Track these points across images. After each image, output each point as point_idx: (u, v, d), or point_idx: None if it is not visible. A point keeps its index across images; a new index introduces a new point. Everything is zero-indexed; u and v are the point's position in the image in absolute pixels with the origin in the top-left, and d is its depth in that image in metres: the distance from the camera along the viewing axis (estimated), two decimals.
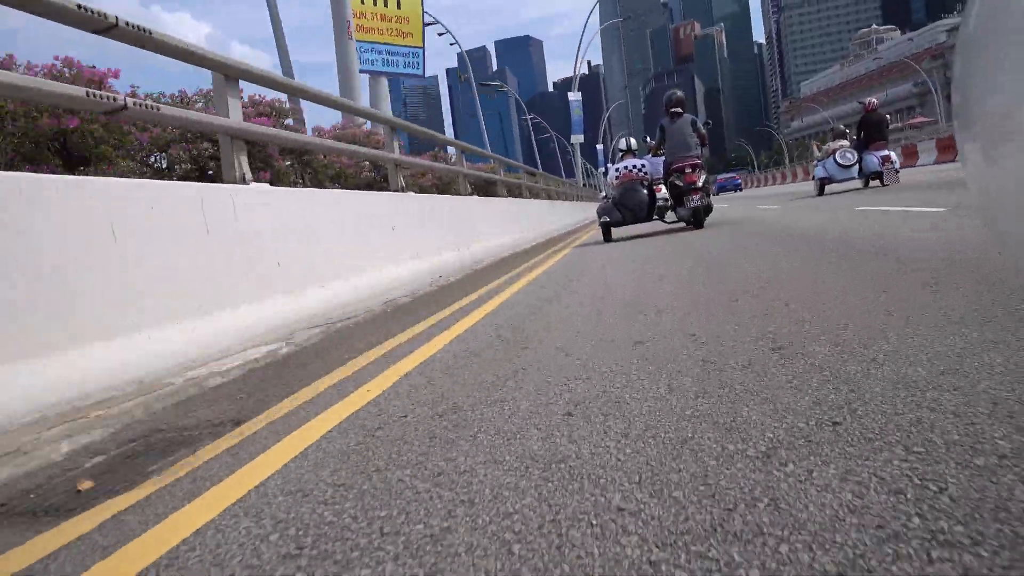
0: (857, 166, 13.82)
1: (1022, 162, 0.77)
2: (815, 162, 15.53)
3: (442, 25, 29.86)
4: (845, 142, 14.38)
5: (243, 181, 4.09)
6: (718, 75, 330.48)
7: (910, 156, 25.80)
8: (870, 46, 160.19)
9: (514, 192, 14.25)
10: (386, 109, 20.16)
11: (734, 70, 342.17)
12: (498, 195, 11.87)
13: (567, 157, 55.63)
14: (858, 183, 14.87)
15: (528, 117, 57.22)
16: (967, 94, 0.96)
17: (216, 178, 6.17)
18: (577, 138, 41.36)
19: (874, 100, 14.44)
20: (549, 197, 19.89)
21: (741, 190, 55.04)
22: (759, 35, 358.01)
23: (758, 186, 59.33)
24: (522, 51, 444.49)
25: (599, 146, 63.76)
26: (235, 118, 4.16)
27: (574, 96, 42.08)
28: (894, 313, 2.35)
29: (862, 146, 13.75)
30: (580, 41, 40.48)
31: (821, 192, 14.74)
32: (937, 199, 7.30)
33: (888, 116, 15.27)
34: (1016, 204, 0.81)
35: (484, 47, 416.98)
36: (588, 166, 57.42)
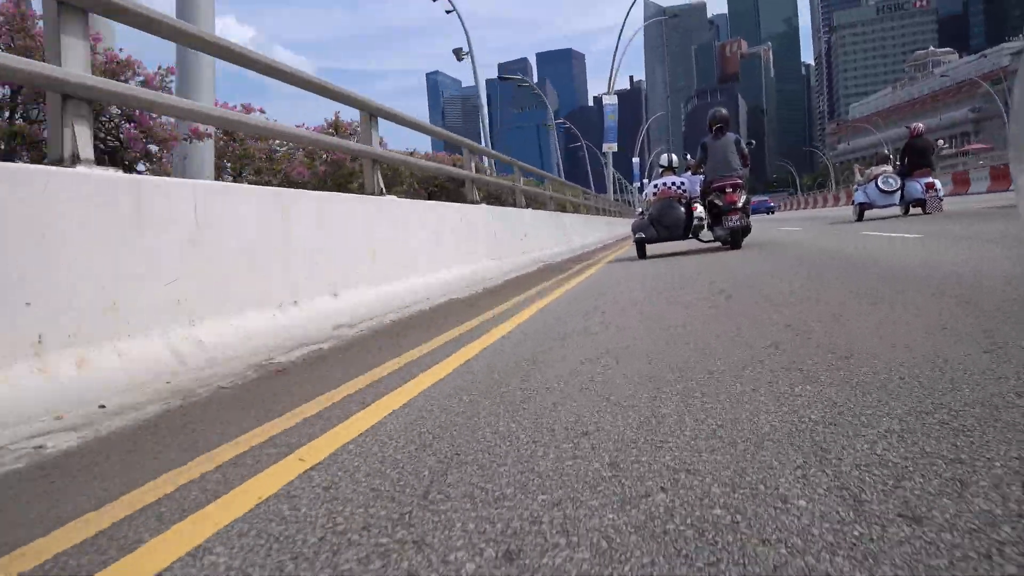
0: (899, 192, 13.48)
1: None
2: (856, 186, 15.12)
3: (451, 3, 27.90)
4: (888, 167, 14.01)
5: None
6: (763, 95, 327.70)
7: (962, 184, 25.35)
8: (926, 68, 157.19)
9: (537, 203, 14.36)
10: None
11: (780, 90, 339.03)
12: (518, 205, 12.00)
13: (596, 167, 52.78)
14: (898, 210, 14.45)
15: (560, 122, 56.64)
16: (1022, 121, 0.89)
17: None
18: (610, 146, 37.82)
19: (920, 125, 14.15)
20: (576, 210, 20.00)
21: (773, 212, 54.43)
22: (807, 56, 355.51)
23: (794, 208, 58.71)
24: (564, 64, 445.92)
25: (635, 159, 62.02)
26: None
27: (609, 100, 39.10)
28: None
29: (906, 172, 13.46)
30: (619, 37, 38.27)
31: (860, 217, 14.24)
32: (974, 229, 7.29)
33: (941, 141, 14.96)
34: None
35: (525, 59, 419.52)
36: (622, 180, 56.22)
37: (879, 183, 13.62)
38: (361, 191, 6.21)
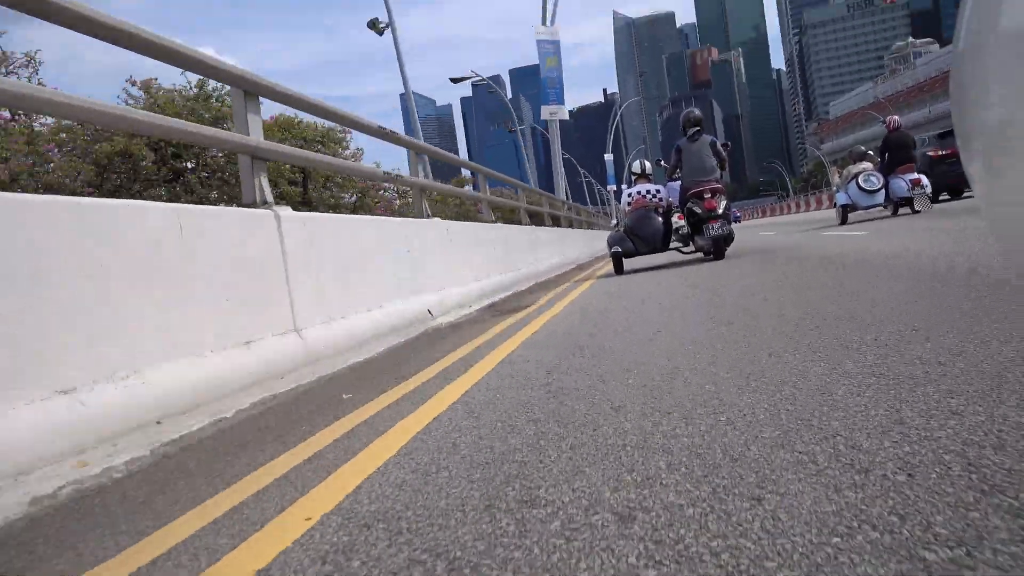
0: (883, 191, 12.63)
1: (1020, 173, 0.80)
2: (835, 188, 14.32)
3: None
4: (868, 165, 13.11)
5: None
6: (736, 101, 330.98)
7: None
8: (907, 61, 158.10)
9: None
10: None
11: (753, 96, 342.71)
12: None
13: (576, 181, 60.62)
14: (886, 210, 13.65)
15: (525, 126, 58.84)
16: (964, 108, 0.96)
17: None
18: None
19: (896, 118, 13.48)
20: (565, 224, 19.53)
21: (739, 221, 54.12)
22: (777, 61, 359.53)
23: (782, 213, 58.20)
24: (535, 79, 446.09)
25: (607, 156, 62.39)
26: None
27: (608, 156, 50.32)
28: None
29: (887, 169, 12.72)
30: (611, 119, 40.06)
31: (844, 220, 13.31)
32: (960, 224, 7.05)
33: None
34: (1018, 214, 0.85)
35: (499, 75, 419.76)
36: (594, 183, 59.21)
37: (860, 182, 12.78)
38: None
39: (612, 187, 53.96)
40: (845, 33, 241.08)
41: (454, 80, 32.12)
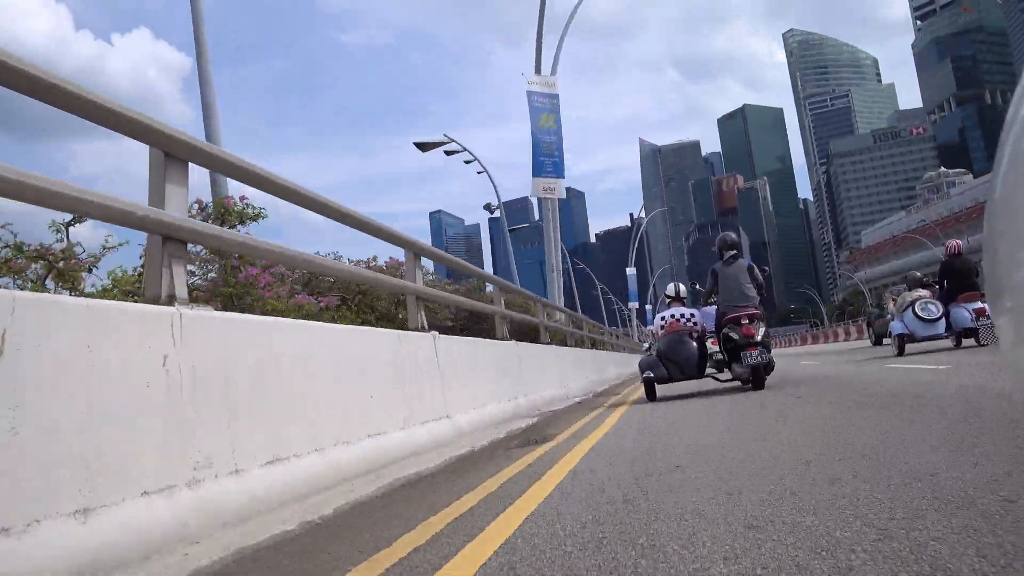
0: (943, 320, 11.79)
1: None
2: (890, 316, 13.56)
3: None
4: (924, 292, 12.40)
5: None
6: (763, 228, 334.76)
7: None
8: (940, 190, 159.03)
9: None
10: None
11: (780, 224, 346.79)
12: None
13: (611, 307, 66.34)
14: (948, 341, 12.63)
15: (579, 265, 63.76)
16: (995, 260, 0.93)
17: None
18: (634, 305, 55.11)
19: (957, 242, 12.81)
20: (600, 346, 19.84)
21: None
22: (803, 190, 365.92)
23: (818, 342, 56.49)
24: (564, 202, 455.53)
25: (630, 270, 64.61)
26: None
27: (631, 271, 52.78)
28: None
29: (947, 297, 11.94)
30: (633, 227, 45.44)
31: (901, 351, 12.38)
32: None
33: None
34: None
35: (526, 198, 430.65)
36: (640, 325, 62.98)
37: (917, 310, 11.98)
38: None
39: (634, 304, 57.62)
40: (872, 163, 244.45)
41: (488, 208, 33.52)
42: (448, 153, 25.59)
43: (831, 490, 2.49)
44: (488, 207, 29.73)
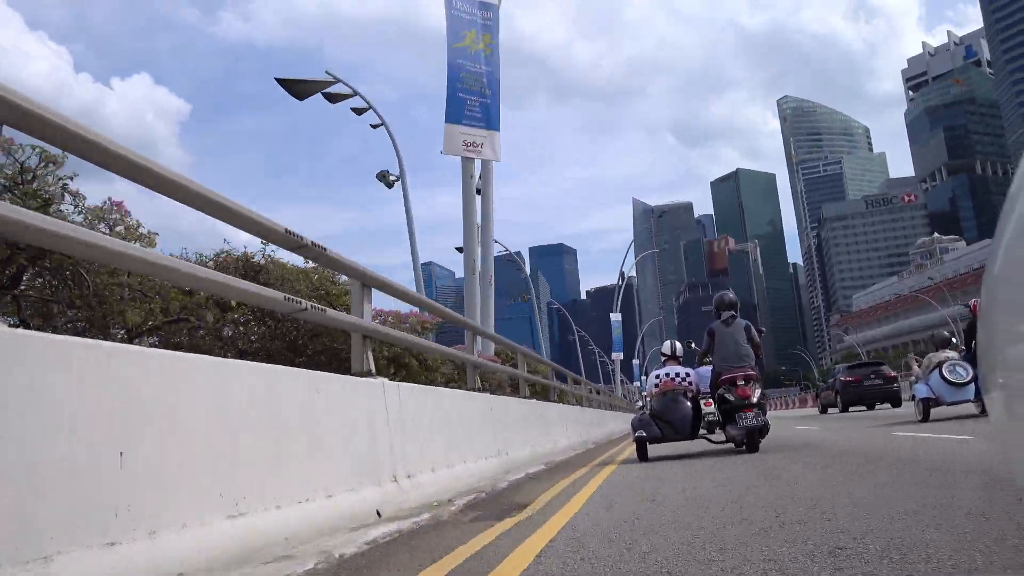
0: (973, 385, 10.60)
1: None
2: (914, 379, 12.81)
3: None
4: (953, 353, 11.49)
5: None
6: (753, 291, 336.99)
7: None
8: (933, 256, 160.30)
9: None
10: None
11: (770, 288, 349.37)
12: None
13: (590, 359, 65.18)
14: (973, 407, 11.12)
15: (578, 333, 62.87)
16: (992, 332, 0.93)
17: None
18: (617, 355, 49.59)
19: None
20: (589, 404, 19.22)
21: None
22: (793, 255, 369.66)
23: (794, 407, 56.22)
24: (556, 258, 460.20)
25: (635, 361, 65.09)
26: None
27: (615, 317, 48.61)
28: None
29: (975, 359, 10.70)
30: (621, 267, 45.33)
31: (926, 417, 11.41)
32: None
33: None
34: None
35: (519, 252, 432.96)
36: (622, 377, 59.56)
37: (944, 373, 11.05)
38: None
39: (618, 355, 51.85)
40: (864, 228, 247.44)
41: (383, 177, 21.46)
42: (332, 99, 18.23)
43: None
44: (383, 176, 19.98)
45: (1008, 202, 0.92)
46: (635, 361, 65.90)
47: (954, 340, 12.51)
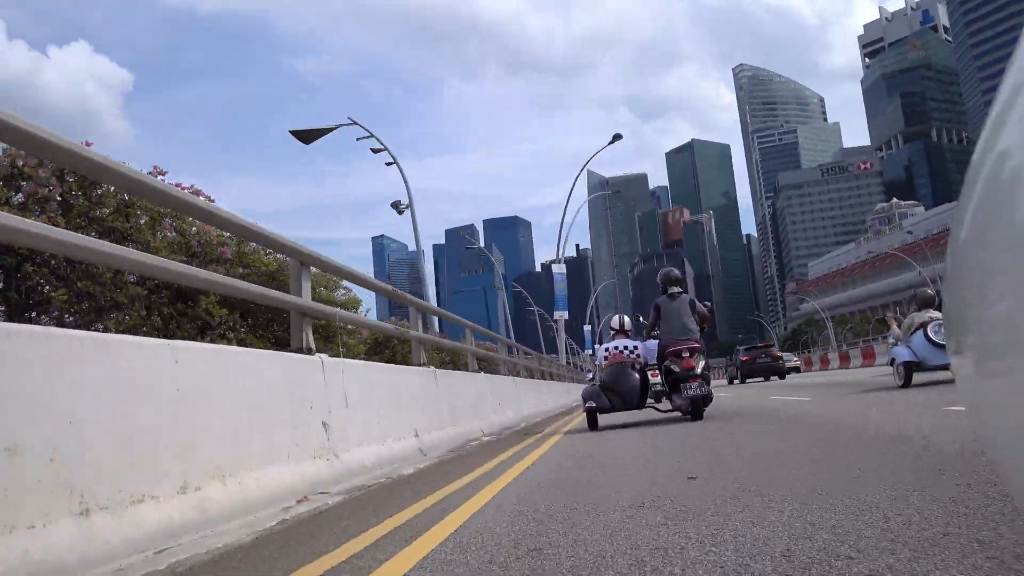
0: None
1: (1014, 379, 0.78)
2: (893, 341, 12.04)
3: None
4: (936, 313, 10.71)
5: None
6: (707, 261, 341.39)
7: None
8: (891, 221, 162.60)
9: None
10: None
11: (724, 258, 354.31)
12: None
13: (550, 335, 54.69)
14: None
15: (514, 288, 59.90)
16: (960, 298, 0.97)
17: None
18: (561, 314, 39.70)
19: None
20: (534, 376, 19.43)
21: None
22: (747, 226, 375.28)
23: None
24: (511, 230, 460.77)
25: (586, 327, 63.43)
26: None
27: (558, 269, 41.54)
28: None
29: None
30: (564, 211, 39.86)
31: (907, 382, 10.70)
32: None
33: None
34: (1004, 416, 0.84)
35: (472, 224, 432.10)
36: (574, 345, 57.57)
37: (929, 333, 10.36)
38: None
39: (562, 314, 46.58)
40: (820, 197, 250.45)
41: (396, 207, 27.73)
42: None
43: None
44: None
45: (972, 169, 0.94)
46: (586, 327, 63.65)
47: (938, 298, 11.40)
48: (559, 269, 40.64)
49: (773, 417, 8.49)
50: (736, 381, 34.04)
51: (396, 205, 27.08)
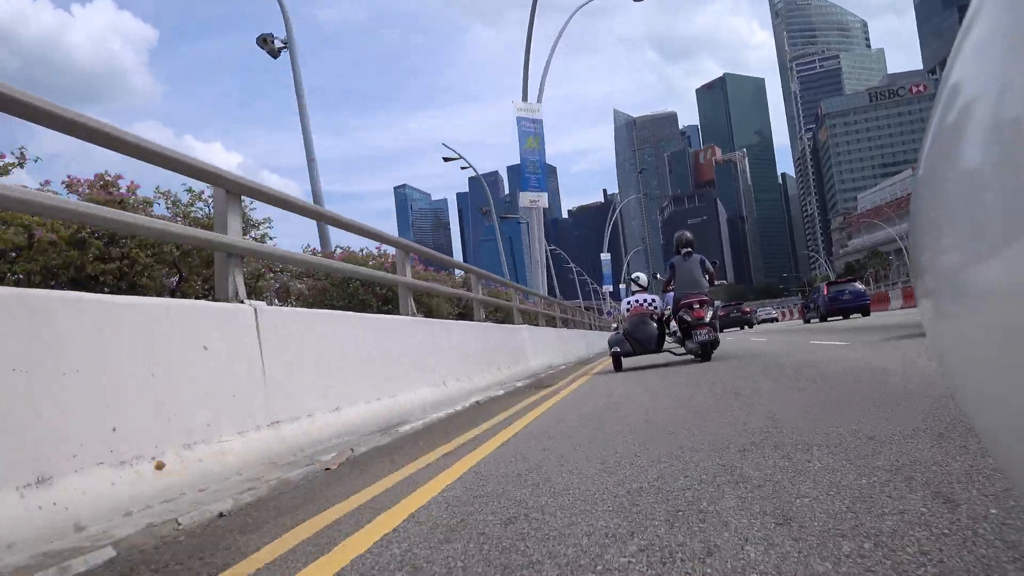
0: None
1: (968, 322, 0.80)
2: None
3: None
4: None
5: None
6: (741, 202, 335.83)
7: None
8: None
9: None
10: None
11: (759, 199, 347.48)
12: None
13: (568, 277, 66.10)
14: None
15: (549, 248, 60.98)
16: (919, 239, 0.99)
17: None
18: (607, 288, 59.08)
19: None
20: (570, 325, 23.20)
21: (776, 321, 57.92)
22: (783, 165, 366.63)
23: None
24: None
25: (604, 255, 62.82)
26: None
27: (605, 256, 56.80)
28: None
29: None
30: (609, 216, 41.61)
31: None
32: None
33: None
34: (964, 360, 0.85)
35: (496, 171, 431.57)
36: (591, 283, 66.75)
37: None
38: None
39: (608, 287, 59.95)
40: (868, 124, 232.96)
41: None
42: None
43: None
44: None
45: (934, 107, 0.91)
46: (604, 256, 65.56)
47: None
48: (605, 256, 49.40)
49: (765, 358, 10.19)
50: (815, 321, 30.25)
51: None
